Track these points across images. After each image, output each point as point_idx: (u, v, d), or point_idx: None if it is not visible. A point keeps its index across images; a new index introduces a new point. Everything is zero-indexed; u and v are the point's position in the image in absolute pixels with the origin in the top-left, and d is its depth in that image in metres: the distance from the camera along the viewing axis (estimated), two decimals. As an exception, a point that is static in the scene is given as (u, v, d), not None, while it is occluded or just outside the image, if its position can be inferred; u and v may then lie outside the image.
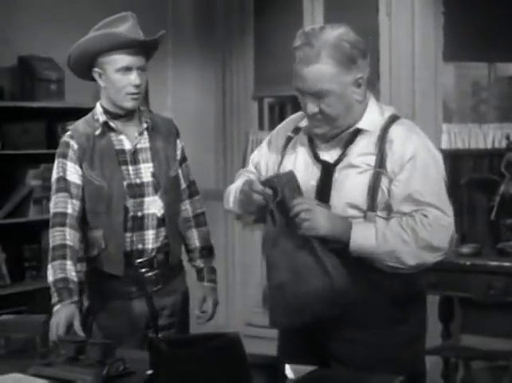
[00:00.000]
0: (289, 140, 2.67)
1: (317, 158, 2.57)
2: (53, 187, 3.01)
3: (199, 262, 3.24)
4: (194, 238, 3.23)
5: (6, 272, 4.65)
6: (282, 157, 2.66)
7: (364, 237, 2.40)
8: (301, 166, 2.58)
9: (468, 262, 4.23)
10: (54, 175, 3.01)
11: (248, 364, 2.06)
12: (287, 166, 2.59)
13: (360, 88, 2.49)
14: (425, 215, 2.40)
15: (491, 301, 4.14)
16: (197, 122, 5.70)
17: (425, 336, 2.66)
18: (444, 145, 5.07)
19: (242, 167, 3.00)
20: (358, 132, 2.53)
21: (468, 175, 4.71)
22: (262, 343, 2.77)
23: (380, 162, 2.46)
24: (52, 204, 2.99)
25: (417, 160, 2.45)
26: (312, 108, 2.48)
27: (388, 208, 2.46)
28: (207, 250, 3.26)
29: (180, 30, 5.65)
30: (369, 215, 2.45)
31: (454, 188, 4.81)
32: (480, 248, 4.40)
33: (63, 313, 2.76)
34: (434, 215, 2.40)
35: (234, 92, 5.86)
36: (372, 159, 2.47)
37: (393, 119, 2.54)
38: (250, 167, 2.80)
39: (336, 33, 2.45)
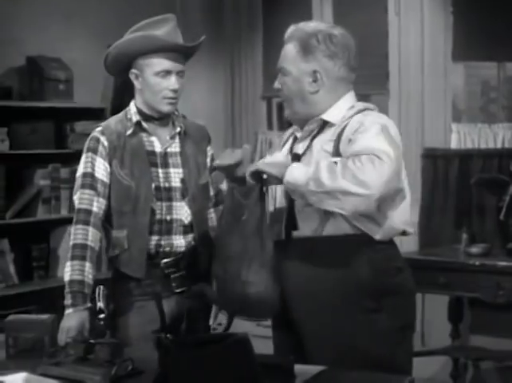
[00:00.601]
0: (285, 142, 2.81)
1: (291, 152, 2.70)
2: (79, 181, 2.94)
3: None
4: None
5: (14, 272, 4.66)
6: None
7: (300, 170, 2.45)
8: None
9: (477, 262, 4.22)
10: (81, 170, 2.95)
11: (257, 364, 2.06)
12: None
13: (316, 82, 2.61)
14: (359, 158, 2.38)
15: (500, 301, 4.13)
16: (206, 122, 5.66)
17: (408, 334, 2.64)
18: (454, 145, 5.07)
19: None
20: (325, 124, 2.63)
21: (477, 175, 4.71)
22: (271, 343, 2.76)
23: (336, 147, 2.54)
24: (76, 199, 2.93)
25: (360, 129, 2.50)
26: (277, 83, 2.69)
27: None
28: None
29: (188, 29, 5.62)
30: None
31: (463, 188, 4.84)
32: (489, 248, 4.40)
33: (75, 320, 2.75)
34: (366, 157, 2.38)
35: (243, 92, 5.85)
36: (330, 146, 2.56)
37: (360, 111, 2.61)
38: None
39: (319, 26, 2.65)
